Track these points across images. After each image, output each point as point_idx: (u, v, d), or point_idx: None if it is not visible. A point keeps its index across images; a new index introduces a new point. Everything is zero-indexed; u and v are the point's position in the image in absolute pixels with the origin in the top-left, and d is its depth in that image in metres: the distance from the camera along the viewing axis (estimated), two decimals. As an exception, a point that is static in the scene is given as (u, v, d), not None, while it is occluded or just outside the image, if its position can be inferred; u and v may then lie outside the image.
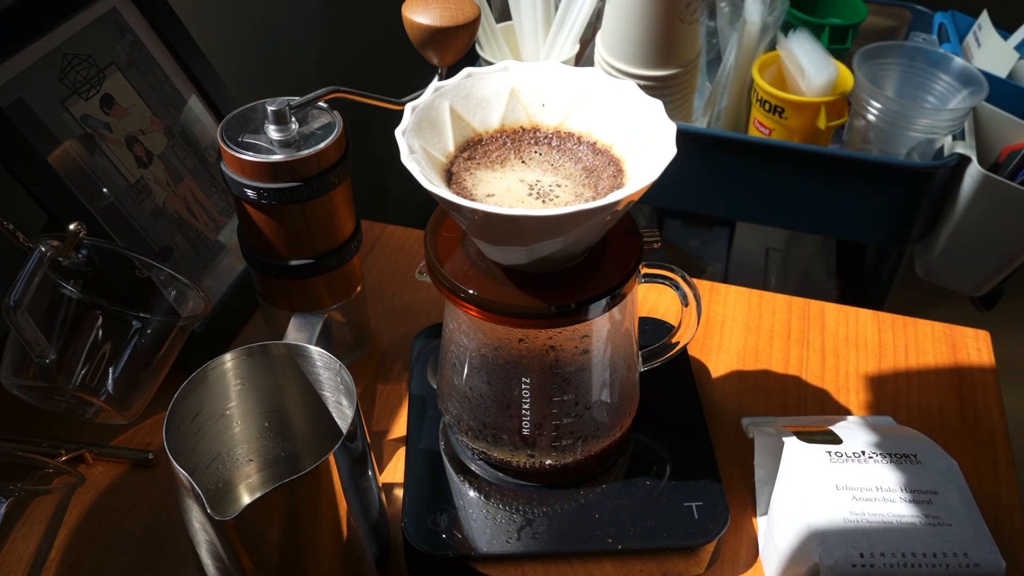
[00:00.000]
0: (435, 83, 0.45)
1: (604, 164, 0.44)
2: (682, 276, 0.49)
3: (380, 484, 0.51)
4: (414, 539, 0.49)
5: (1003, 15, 0.93)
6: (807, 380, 0.65)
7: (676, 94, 0.85)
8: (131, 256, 0.57)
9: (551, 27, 0.87)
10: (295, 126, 0.53)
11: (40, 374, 0.51)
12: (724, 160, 0.86)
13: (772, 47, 0.89)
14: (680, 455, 0.54)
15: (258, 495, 0.40)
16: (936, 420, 0.62)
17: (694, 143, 0.84)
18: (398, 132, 0.42)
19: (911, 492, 0.49)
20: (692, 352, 0.66)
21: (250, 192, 0.53)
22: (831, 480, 0.49)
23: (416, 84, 0.50)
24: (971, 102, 0.83)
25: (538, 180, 0.44)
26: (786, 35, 0.87)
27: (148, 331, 0.54)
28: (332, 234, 0.57)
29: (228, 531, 0.41)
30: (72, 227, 0.51)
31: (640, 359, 0.53)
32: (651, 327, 0.63)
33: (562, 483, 0.52)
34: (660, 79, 0.83)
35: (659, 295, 0.71)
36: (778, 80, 0.88)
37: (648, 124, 0.43)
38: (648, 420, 0.55)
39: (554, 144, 0.46)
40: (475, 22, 0.52)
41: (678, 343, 0.53)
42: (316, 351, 0.47)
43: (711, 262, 1.17)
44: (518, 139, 0.46)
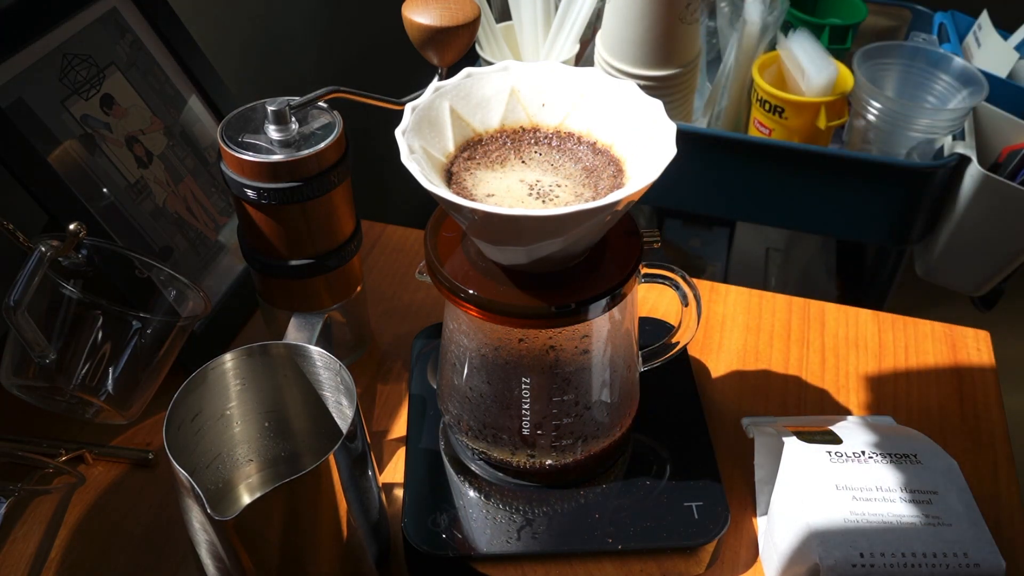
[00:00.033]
0: (435, 83, 0.45)
1: (604, 164, 0.44)
2: (682, 276, 0.49)
3: (380, 484, 0.51)
4: (414, 539, 0.49)
5: (1003, 15, 0.93)
6: (807, 380, 0.65)
7: (676, 94, 0.85)
8: (131, 256, 0.57)
9: (551, 27, 0.87)
10: (295, 126, 0.53)
11: (40, 374, 0.51)
12: (724, 160, 0.86)
13: (772, 47, 0.89)
14: (680, 455, 0.54)
15: (258, 495, 0.40)
16: (936, 420, 0.61)
17: (694, 143, 0.84)
18: (398, 132, 0.42)
19: (911, 492, 0.49)
20: (692, 352, 0.66)
21: (250, 192, 0.53)
22: (831, 480, 0.49)
23: (416, 84, 0.50)
24: (971, 102, 0.83)
25: (538, 180, 0.44)
26: (786, 35, 0.87)
27: (148, 331, 0.54)
28: (332, 234, 0.57)
29: (228, 531, 0.41)
30: (72, 227, 0.51)
31: (640, 359, 0.53)
32: (651, 327, 0.63)
33: (562, 483, 0.52)
34: (660, 79, 0.83)
35: (659, 295, 0.71)
36: (778, 80, 0.88)
37: (648, 124, 0.43)
38: (648, 420, 0.55)
39: (554, 144, 0.46)
40: (475, 22, 0.52)
41: (678, 343, 0.53)
42: (316, 351, 0.47)
43: (711, 262, 1.17)
44: (518, 139, 0.46)
